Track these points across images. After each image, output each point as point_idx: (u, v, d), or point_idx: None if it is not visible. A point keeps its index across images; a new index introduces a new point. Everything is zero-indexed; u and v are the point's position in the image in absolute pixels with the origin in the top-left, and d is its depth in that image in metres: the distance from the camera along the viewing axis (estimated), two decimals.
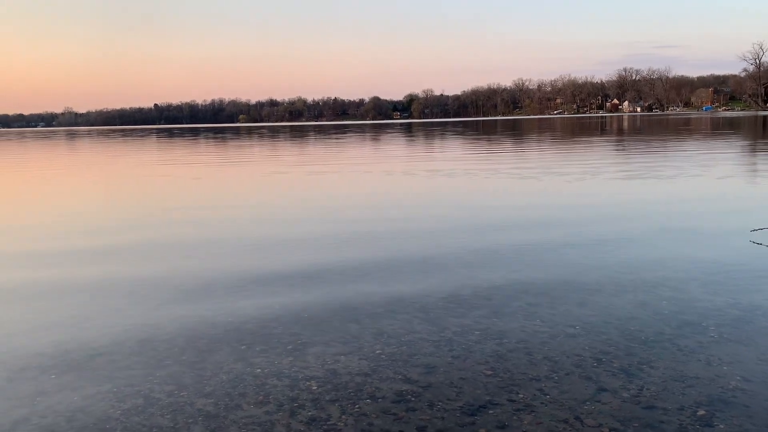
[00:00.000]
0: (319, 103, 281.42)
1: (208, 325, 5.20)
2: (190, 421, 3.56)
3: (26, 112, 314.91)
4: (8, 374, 4.28)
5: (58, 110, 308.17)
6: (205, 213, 11.97)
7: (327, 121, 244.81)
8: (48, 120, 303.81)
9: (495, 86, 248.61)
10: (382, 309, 5.52)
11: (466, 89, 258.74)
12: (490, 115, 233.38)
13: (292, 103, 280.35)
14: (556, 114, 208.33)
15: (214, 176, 20.52)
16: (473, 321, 5.15)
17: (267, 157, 30.79)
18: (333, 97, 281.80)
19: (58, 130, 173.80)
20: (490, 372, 4.14)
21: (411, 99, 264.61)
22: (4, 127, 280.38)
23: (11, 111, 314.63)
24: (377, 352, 4.54)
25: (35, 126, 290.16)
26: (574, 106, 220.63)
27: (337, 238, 8.89)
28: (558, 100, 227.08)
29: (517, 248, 7.86)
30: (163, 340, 4.87)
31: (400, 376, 4.10)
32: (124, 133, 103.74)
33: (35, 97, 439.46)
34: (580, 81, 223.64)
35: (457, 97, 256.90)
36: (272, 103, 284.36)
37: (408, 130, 76.18)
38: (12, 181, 21.01)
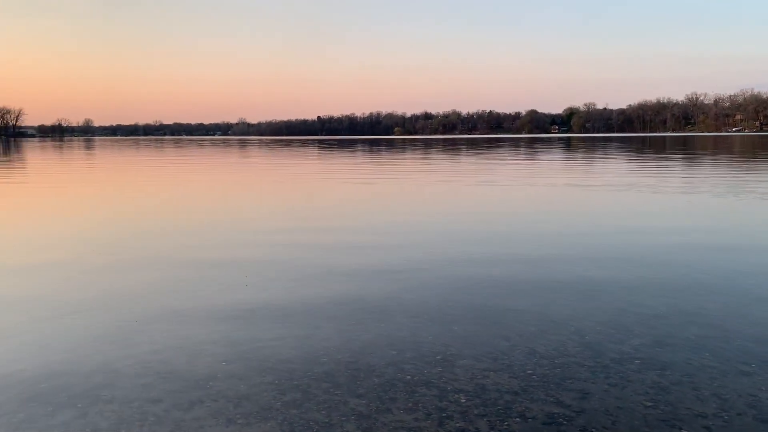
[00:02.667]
0: (473, 116, 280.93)
1: (363, 330, 5.39)
2: (343, 419, 3.72)
3: (206, 122, 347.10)
4: (188, 358, 4.74)
5: (234, 120, 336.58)
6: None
7: (481, 134, 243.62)
8: (224, 129, 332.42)
9: (665, 100, 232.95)
10: (534, 328, 5.40)
11: (632, 103, 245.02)
12: (658, 130, 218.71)
13: (446, 116, 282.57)
14: (734, 131, 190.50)
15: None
16: (633, 349, 4.87)
17: (445, 170, 31.27)
18: (488, 110, 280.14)
19: (232, 139, 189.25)
20: (650, 403, 3.89)
21: (571, 112, 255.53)
22: (187, 135, 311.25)
23: (194, 120, 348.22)
24: (528, 371, 4.44)
25: (213, 134, 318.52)
26: (757, 123, 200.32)
27: (491, 254, 8.82)
28: (738, 117, 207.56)
29: (690, 275, 7.30)
30: (322, 338, 5.13)
31: (551, 399, 3.98)
32: (289, 143, 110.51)
33: (214, 109, 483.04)
34: (765, 96, 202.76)
35: (621, 111, 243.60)
36: (426, 116, 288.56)
37: (589, 146, 73.65)
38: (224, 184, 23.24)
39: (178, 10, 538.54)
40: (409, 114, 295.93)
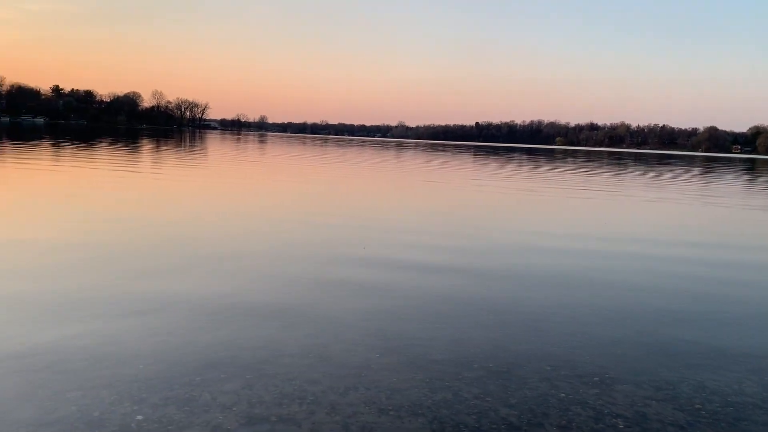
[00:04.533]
0: (644, 129, 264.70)
1: (515, 341, 5.30)
2: (494, 426, 3.68)
3: (368, 124, 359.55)
4: (345, 346, 4.95)
5: (393, 123, 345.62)
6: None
7: (651, 149, 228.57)
8: (384, 131, 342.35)
9: None
10: (703, 361, 4.98)
11: None
12: None
13: (614, 128, 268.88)
14: None
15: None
16: None
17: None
18: (660, 124, 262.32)
19: (390, 141, 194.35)
20: None
21: (757, 132, 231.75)
22: (349, 135, 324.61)
23: (356, 122, 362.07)
24: (696, 406, 4.11)
25: (373, 136, 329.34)
26: None
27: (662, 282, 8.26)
28: None
29: None
30: (473, 345, 5.11)
31: None
32: (444, 148, 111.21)
33: (376, 111, 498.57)
34: None
35: None
36: (592, 127, 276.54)
37: None
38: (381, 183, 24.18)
39: (343, 18, 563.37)
40: (572, 124, 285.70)
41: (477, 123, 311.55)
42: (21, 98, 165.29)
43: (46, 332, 4.90)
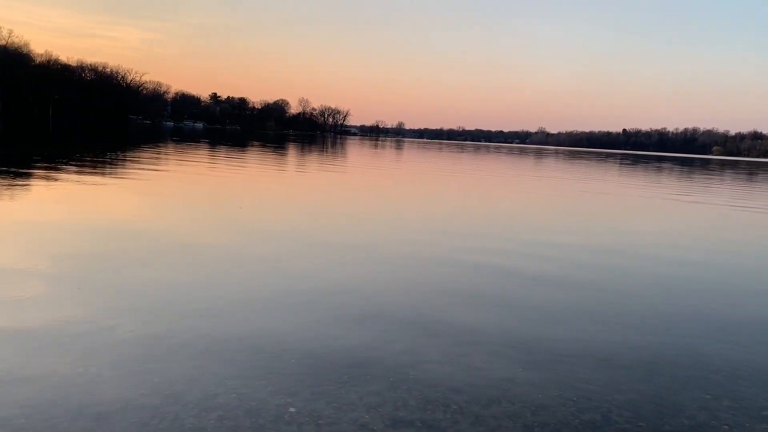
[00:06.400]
0: None
1: (669, 364, 4.97)
2: None
3: (506, 130, 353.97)
4: (486, 357, 4.91)
5: (533, 129, 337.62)
6: None
7: None
8: (522, 138, 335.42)
9: None
10: None
11: None
12: None
13: None
14: None
15: None
16: None
17: None
18: None
19: (529, 148, 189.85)
20: None
21: None
22: (486, 141, 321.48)
23: (494, 128, 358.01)
24: None
25: (511, 142, 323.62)
26: None
27: None
28: None
29: None
30: (623, 366, 4.87)
31: None
32: (587, 155, 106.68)
33: (515, 117, 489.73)
34: None
35: None
36: (756, 136, 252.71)
37: None
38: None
39: (479, 24, 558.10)
40: (732, 132, 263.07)
41: (624, 130, 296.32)
42: (184, 105, 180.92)
43: (230, 324, 5.31)
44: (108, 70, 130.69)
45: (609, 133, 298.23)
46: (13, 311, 5.25)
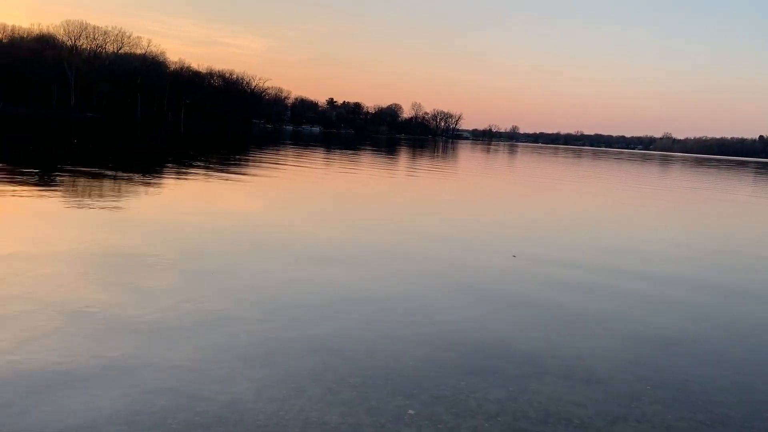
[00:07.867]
0: None
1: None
2: None
3: (627, 135, 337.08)
4: (609, 373, 4.72)
5: (657, 134, 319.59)
6: None
7: None
8: (646, 143, 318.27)
9: None
10: None
11: None
12: None
13: None
14: None
15: None
16: None
17: None
18: None
19: (654, 155, 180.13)
20: None
21: None
22: (606, 147, 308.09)
23: (615, 132, 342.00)
24: None
25: (633, 148, 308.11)
26: None
27: None
28: None
29: None
30: (759, 391, 4.51)
31: None
32: (719, 164, 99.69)
33: (638, 121, 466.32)
34: None
35: None
36: None
37: None
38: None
39: (592, 26, 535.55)
40: None
41: (761, 136, 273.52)
42: (302, 109, 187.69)
43: (336, 321, 5.50)
44: (234, 76, 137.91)
45: (743, 140, 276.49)
46: (145, 301, 5.69)
